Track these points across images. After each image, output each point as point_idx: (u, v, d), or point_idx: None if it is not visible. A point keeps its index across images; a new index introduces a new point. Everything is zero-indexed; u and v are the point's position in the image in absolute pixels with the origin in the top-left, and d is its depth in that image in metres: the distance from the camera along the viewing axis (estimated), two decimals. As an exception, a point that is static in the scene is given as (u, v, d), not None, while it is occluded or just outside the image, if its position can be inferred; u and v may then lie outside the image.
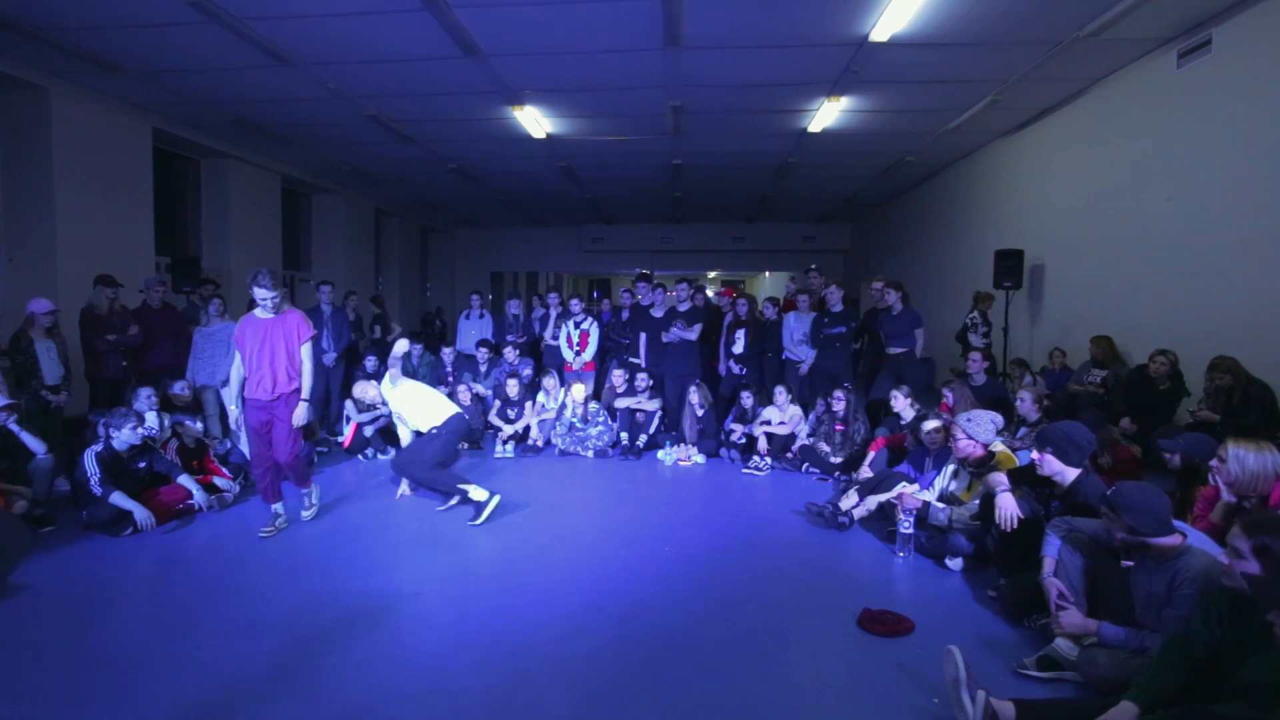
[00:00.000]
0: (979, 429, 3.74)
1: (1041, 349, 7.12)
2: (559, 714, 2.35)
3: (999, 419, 3.89)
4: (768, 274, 22.52)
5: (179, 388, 5.29)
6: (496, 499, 4.37)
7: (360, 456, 6.11)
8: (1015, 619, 2.98)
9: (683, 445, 6.21)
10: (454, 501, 4.57)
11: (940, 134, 8.03)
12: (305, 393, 4.09)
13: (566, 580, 3.47)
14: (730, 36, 5.41)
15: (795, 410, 6.06)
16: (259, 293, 3.91)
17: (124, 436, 4.17)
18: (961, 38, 5.29)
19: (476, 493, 4.37)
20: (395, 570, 3.60)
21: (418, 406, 4.75)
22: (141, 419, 4.37)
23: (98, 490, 3.97)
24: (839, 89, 6.57)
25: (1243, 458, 2.77)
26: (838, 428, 5.73)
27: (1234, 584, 1.90)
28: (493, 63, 5.94)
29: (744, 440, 6.12)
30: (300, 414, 4.05)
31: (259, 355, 3.98)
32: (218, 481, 4.72)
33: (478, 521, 4.27)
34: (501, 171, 10.41)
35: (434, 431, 4.63)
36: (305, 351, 4.07)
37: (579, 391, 6.42)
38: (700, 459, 6.09)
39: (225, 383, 5.94)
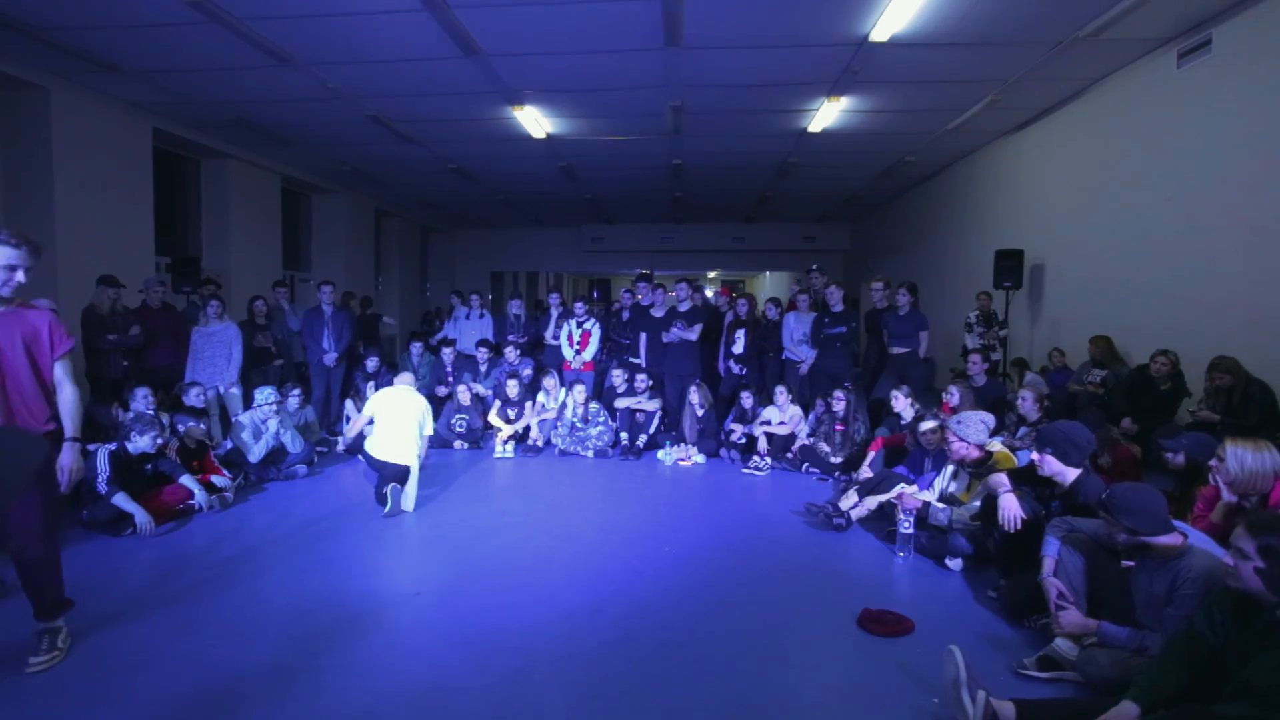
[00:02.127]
0: (969, 430, 3.75)
1: (1041, 349, 7.12)
2: (559, 714, 2.35)
3: (990, 420, 3.89)
4: (768, 274, 22.52)
5: (195, 396, 5.31)
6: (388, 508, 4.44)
7: (360, 456, 6.10)
8: (1015, 619, 2.98)
9: (683, 445, 6.21)
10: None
11: (940, 134, 8.03)
12: (73, 430, 2.61)
13: (566, 580, 3.47)
14: (730, 36, 5.41)
15: (795, 410, 6.06)
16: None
17: (142, 444, 4.20)
18: (961, 38, 5.29)
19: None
20: (395, 570, 3.61)
21: (390, 429, 4.69)
22: (163, 428, 4.42)
23: (103, 488, 3.97)
24: (839, 89, 6.57)
25: (1241, 456, 2.77)
26: (838, 428, 5.73)
27: (1239, 584, 1.90)
28: (493, 63, 5.94)
29: (744, 440, 6.12)
30: (66, 458, 2.56)
31: None
32: (216, 480, 4.72)
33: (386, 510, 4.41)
34: (501, 171, 10.41)
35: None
36: (62, 370, 2.63)
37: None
38: (700, 459, 6.09)
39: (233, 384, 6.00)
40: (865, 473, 4.86)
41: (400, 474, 4.61)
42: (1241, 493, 2.81)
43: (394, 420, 4.74)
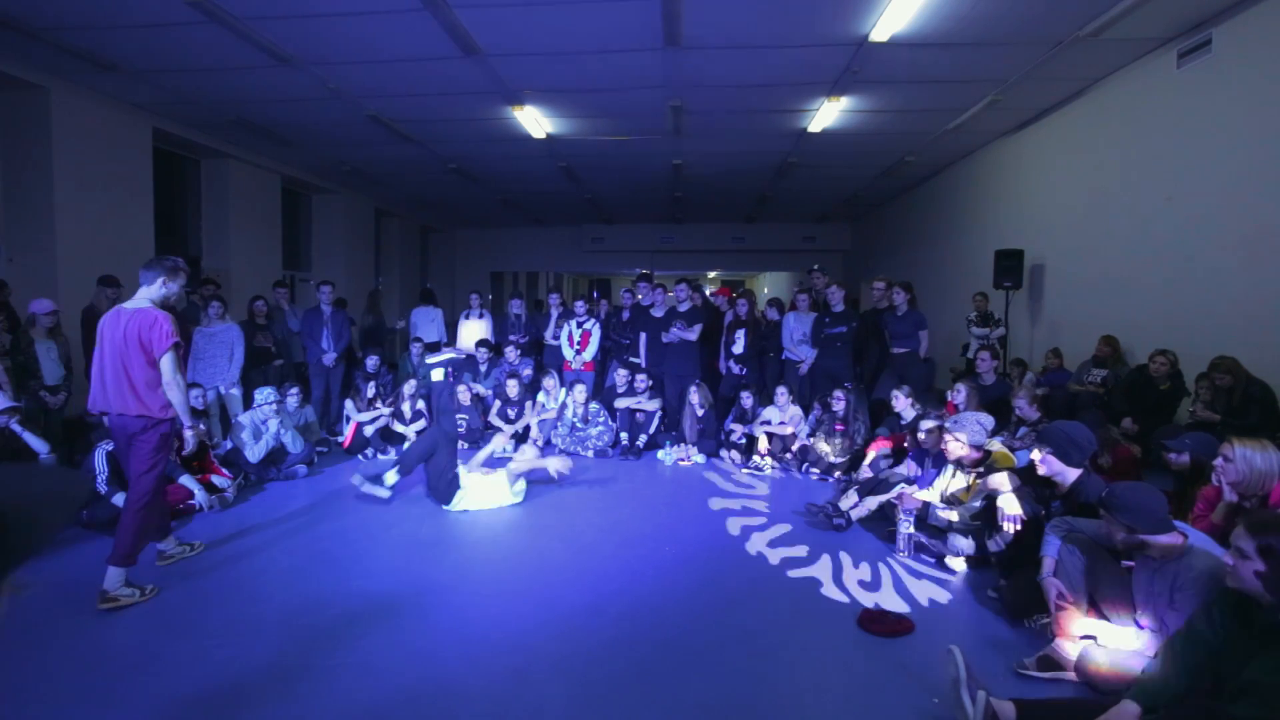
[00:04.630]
0: (965, 432, 3.74)
1: (1042, 349, 7.12)
2: (558, 714, 2.35)
3: (987, 421, 3.89)
4: (767, 274, 22.52)
5: (194, 398, 5.28)
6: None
7: (360, 456, 6.11)
8: (1015, 619, 2.98)
9: (683, 445, 6.21)
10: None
11: (940, 134, 8.03)
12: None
13: (566, 580, 3.47)
14: (730, 36, 5.41)
15: (795, 410, 6.06)
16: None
17: None
18: (961, 38, 5.29)
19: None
20: (395, 571, 3.60)
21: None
22: None
23: (103, 488, 3.97)
24: (839, 89, 6.57)
25: (1250, 458, 2.75)
26: (837, 428, 5.73)
27: (1238, 584, 1.90)
28: (493, 63, 5.94)
29: (744, 440, 6.12)
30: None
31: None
32: (216, 480, 4.71)
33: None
34: (501, 171, 10.41)
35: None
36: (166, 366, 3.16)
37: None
38: (700, 459, 6.09)
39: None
40: (865, 473, 4.86)
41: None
42: (1245, 493, 2.81)
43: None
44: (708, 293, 9.99)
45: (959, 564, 3.60)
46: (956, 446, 3.76)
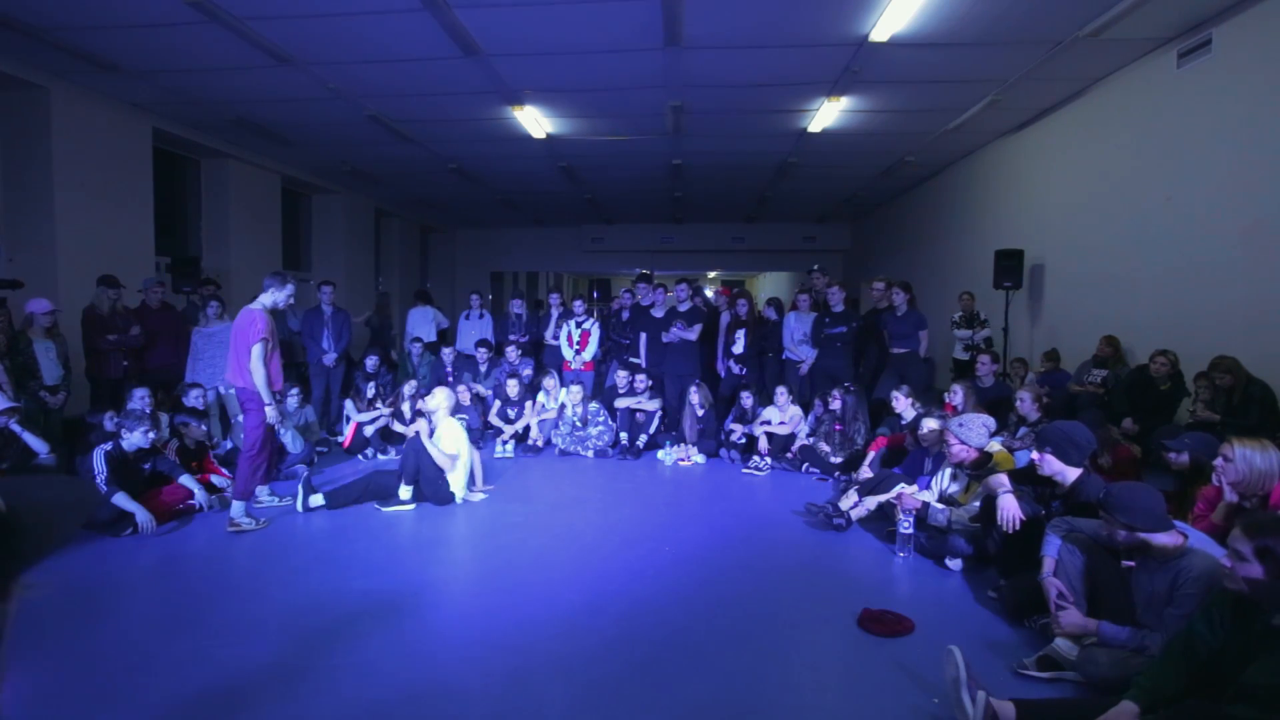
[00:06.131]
0: (970, 433, 3.74)
1: (1041, 349, 7.11)
2: (558, 714, 2.35)
3: (991, 422, 3.89)
4: (767, 274, 22.51)
5: (194, 398, 5.29)
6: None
7: (360, 456, 6.12)
8: (1015, 619, 2.97)
9: (683, 445, 6.21)
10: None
11: (940, 134, 8.03)
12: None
13: (566, 580, 3.47)
14: (730, 36, 5.41)
15: (795, 410, 6.06)
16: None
17: (134, 439, 4.18)
18: (961, 38, 5.29)
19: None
20: (395, 570, 3.60)
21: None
22: (157, 423, 4.41)
23: (103, 489, 3.97)
24: (839, 89, 6.57)
25: (1250, 457, 2.75)
26: (836, 428, 5.73)
27: (1236, 587, 1.90)
28: (493, 63, 5.94)
29: (744, 440, 6.12)
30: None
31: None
32: (216, 480, 4.71)
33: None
34: (501, 171, 10.41)
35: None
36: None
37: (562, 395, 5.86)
38: (700, 459, 6.09)
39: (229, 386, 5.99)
40: (865, 473, 4.86)
41: None
42: (1245, 493, 2.81)
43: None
44: (707, 294, 10.00)
45: (957, 564, 3.60)
46: (961, 449, 3.76)
